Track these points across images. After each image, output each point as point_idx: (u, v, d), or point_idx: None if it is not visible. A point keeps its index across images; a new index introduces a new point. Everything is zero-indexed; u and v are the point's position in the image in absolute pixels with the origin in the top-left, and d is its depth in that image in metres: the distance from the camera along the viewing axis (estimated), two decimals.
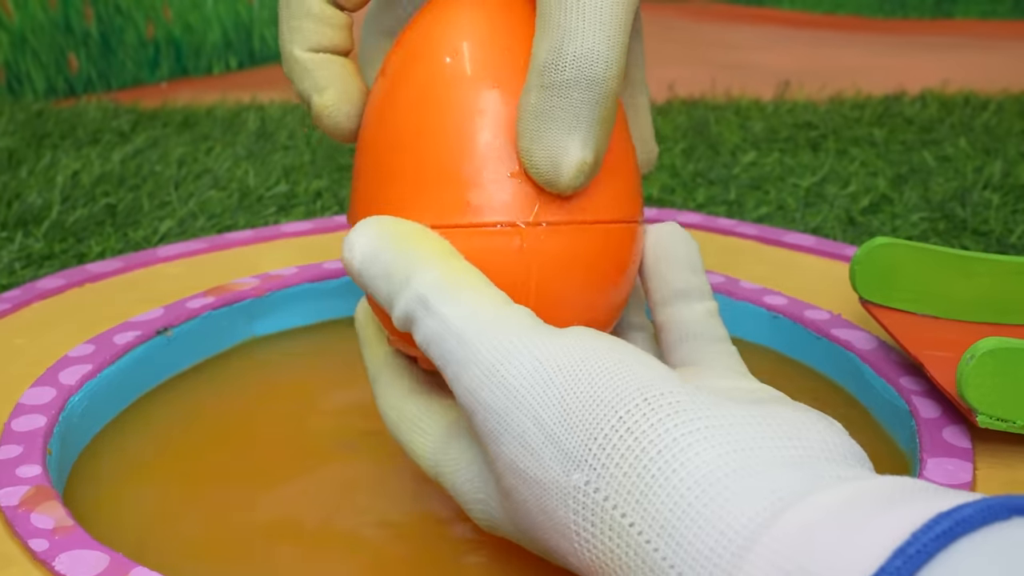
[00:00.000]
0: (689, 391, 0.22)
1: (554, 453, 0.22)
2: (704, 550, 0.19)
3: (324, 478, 0.34)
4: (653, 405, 0.22)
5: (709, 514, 0.19)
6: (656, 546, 0.20)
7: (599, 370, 0.23)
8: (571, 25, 0.25)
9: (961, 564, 0.16)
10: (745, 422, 0.21)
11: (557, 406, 0.22)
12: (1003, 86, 1.01)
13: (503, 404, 0.23)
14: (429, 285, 0.25)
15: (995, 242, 0.60)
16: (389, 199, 0.27)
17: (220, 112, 0.92)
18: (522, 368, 0.23)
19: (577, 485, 0.21)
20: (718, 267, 0.47)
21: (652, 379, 0.22)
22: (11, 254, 0.56)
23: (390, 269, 0.26)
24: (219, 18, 1.22)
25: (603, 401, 0.22)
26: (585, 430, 0.22)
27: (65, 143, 0.80)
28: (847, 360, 0.40)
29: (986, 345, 0.30)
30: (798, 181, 0.72)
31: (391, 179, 0.28)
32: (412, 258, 0.25)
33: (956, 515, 0.17)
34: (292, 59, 0.29)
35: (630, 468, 0.21)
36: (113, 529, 0.31)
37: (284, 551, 0.31)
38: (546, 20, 0.25)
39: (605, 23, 0.25)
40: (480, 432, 0.24)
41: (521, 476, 0.23)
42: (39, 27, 1.08)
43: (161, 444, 0.36)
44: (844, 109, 0.91)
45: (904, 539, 0.17)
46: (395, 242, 0.26)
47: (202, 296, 0.43)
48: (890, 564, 0.16)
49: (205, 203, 0.67)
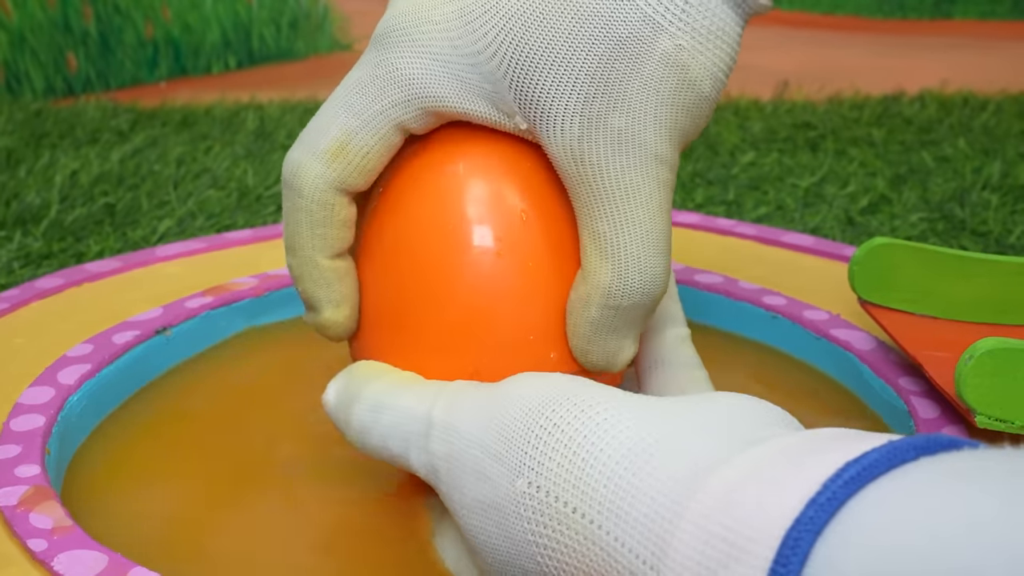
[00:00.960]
0: (611, 390, 0.24)
1: (501, 469, 0.24)
2: (640, 518, 0.20)
3: (324, 477, 0.34)
4: (578, 402, 0.23)
5: (639, 483, 0.21)
6: (600, 524, 0.21)
7: (530, 391, 0.24)
8: (633, 252, 0.27)
9: (867, 509, 0.17)
10: (667, 404, 0.23)
11: (497, 429, 0.24)
12: (1002, 86, 1.01)
13: (457, 448, 0.25)
14: (379, 392, 0.28)
15: (994, 242, 0.60)
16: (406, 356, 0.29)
17: (219, 112, 0.92)
18: (466, 411, 0.25)
19: (522, 490, 0.23)
20: (717, 267, 0.47)
21: (579, 386, 0.24)
22: (10, 253, 0.56)
23: (346, 395, 0.28)
24: (218, 18, 1.22)
25: (534, 411, 0.24)
26: (522, 439, 0.23)
27: (64, 142, 0.80)
28: (846, 360, 0.40)
29: (985, 345, 0.30)
30: (797, 181, 0.72)
31: (405, 342, 0.29)
32: (361, 379, 0.28)
33: (863, 461, 0.18)
34: (315, 266, 0.29)
35: (563, 459, 0.22)
36: (112, 529, 0.31)
37: (284, 550, 0.31)
38: (603, 241, 0.27)
39: (662, 250, 0.28)
40: (447, 490, 0.25)
41: (482, 510, 0.24)
42: (38, 26, 1.08)
43: (160, 444, 0.36)
44: (843, 109, 0.91)
45: (816, 490, 0.17)
46: (351, 376, 0.29)
47: (201, 296, 0.43)
48: (803, 515, 0.17)
49: (204, 202, 0.67)
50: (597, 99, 0.26)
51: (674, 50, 0.26)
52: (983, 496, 0.16)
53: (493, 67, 0.27)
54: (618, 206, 0.27)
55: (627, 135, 0.26)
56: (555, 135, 0.27)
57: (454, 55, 0.27)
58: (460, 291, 0.28)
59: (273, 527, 0.32)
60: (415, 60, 0.27)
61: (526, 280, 0.28)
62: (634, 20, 0.26)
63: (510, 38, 0.26)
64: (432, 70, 0.27)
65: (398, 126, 0.28)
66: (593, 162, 0.27)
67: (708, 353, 0.33)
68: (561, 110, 0.26)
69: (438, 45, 0.27)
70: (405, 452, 0.27)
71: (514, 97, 0.27)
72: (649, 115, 0.26)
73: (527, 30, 0.26)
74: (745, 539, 0.18)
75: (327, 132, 0.28)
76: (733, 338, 0.44)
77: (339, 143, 0.28)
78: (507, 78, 0.27)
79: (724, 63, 0.27)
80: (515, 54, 0.26)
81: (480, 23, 0.27)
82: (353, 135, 0.28)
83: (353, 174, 0.28)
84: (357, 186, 0.29)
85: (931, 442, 0.18)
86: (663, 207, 0.27)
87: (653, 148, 0.27)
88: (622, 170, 0.27)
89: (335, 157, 0.28)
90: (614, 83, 0.26)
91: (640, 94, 0.26)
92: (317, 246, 0.29)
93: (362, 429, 0.28)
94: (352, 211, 0.29)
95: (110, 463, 0.35)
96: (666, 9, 0.26)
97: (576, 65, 0.26)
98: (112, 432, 0.37)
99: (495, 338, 0.28)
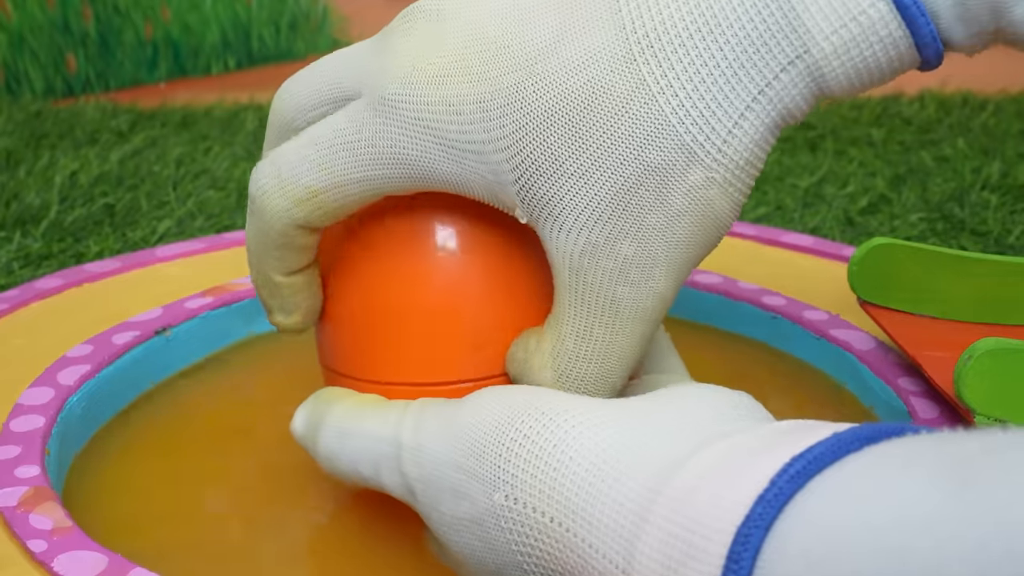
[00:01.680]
0: (577, 397, 0.24)
1: (478, 486, 0.23)
2: (609, 523, 0.20)
3: (324, 477, 0.34)
4: (546, 412, 0.23)
5: (607, 489, 0.21)
6: (574, 531, 0.21)
7: (497, 405, 0.24)
8: (585, 375, 0.26)
9: (810, 501, 0.17)
10: (633, 406, 0.23)
11: (469, 447, 0.24)
12: (1001, 86, 1.01)
13: (429, 470, 0.25)
14: (342, 417, 0.27)
15: (993, 242, 0.61)
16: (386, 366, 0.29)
17: (218, 112, 0.92)
18: (434, 432, 0.25)
19: (500, 503, 0.23)
20: (716, 267, 0.47)
21: (544, 396, 0.24)
22: (9, 254, 0.56)
23: (312, 422, 0.28)
24: (217, 18, 1.22)
25: (503, 424, 0.24)
26: (494, 453, 0.23)
27: (63, 143, 0.80)
28: (845, 360, 0.40)
29: (984, 345, 0.30)
30: (796, 181, 0.72)
31: (384, 341, 0.29)
32: (324, 405, 0.28)
33: (808, 455, 0.18)
34: (270, 282, 0.29)
35: (535, 469, 0.22)
36: (112, 530, 0.31)
37: (284, 550, 0.31)
38: (561, 352, 0.26)
39: (613, 382, 0.27)
40: (425, 510, 0.25)
41: (464, 526, 0.24)
42: (37, 27, 1.08)
43: (160, 444, 0.36)
44: (842, 109, 0.91)
45: (764, 486, 0.18)
46: (316, 401, 0.29)
47: (200, 296, 0.43)
48: (753, 512, 0.18)
49: (203, 203, 0.67)
50: (611, 222, 0.24)
51: (704, 183, 0.24)
52: (910, 479, 0.16)
53: (501, 160, 0.25)
54: (594, 332, 0.26)
55: (633, 266, 0.25)
56: (558, 240, 0.25)
57: (462, 140, 0.25)
58: (428, 290, 0.28)
59: (272, 526, 0.32)
60: (418, 140, 0.25)
61: (482, 280, 0.28)
62: (670, 146, 0.24)
63: (529, 138, 0.24)
64: (434, 153, 0.25)
65: (379, 191, 0.27)
66: (589, 281, 0.25)
67: (708, 353, 0.33)
68: (570, 223, 0.25)
69: (446, 128, 0.25)
70: (376, 476, 0.26)
71: (518, 193, 0.25)
72: (661, 250, 0.25)
73: (550, 135, 0.24)
74: (701, 538, 0.18)
75: (301, 177, 0.26)
76: (733, 338, 0.44)
77: (310, 193, 0.26)
78: (514, 175, 0.25)
79: (748, 188, 0.25)
80: (531, 156, 0.24)
81: (499, 115, 0.24)
82: (328, 190, 0.26)
83: (320, 217, 0.27)
84: (322, 225, 0.27)
85: (876, 431, 0.19)
86: (640, 343, 0.26)
87: (656, 284, 0.25)
88: (616, 300, 0.25)
89: (303, 203, 0.27)
90: (633, 210, 0.24)
91: (658, 227, 0.24)
92: (272, 265, 0.28)
93: (329, 455, 0.28)
94: (313, 239, 0.28)
95: (110, 463, 0.35)
96: (706, 138, 0.24)
97: (597, 183, 0.24)
98: (112, 433, 0.37)
99: (462, 337, 0.28)
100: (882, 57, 0.24)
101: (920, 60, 0.24)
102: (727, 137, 0.24)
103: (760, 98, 0.24)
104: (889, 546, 0.16)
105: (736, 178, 0.24)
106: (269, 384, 0.41)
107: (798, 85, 0.24)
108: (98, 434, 0.37)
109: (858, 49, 0.23)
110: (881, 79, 0.24)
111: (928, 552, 0.15)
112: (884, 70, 0.24)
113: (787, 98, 0.24)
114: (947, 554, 0.15)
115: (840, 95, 0.25)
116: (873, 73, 0.24)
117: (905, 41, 0.23)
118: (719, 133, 0.24)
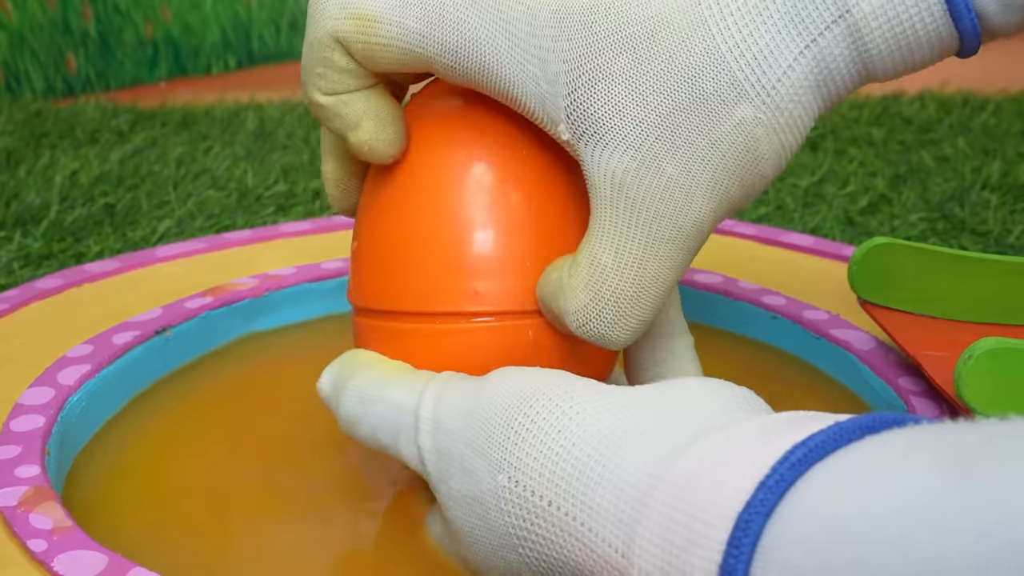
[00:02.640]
0: (585, 382, 0.25)
1: (484, 465, 0.24)
2: (610, 507, 0.21)
3: (323, 477, 0.34)
4: (552, 397, 0.24)
5: (608, 474, 0.21)
6: (574, 516, 0.22)
7: (509, 386, 0.25)
8: (619, 297, 0.27)
9: (811, 487, 0.18)
10: (637, 395, 0.24)
11: (480, 426, 0.25)
12: (1001, 86, 1.01)
13: (445, 443, 0.26)
14: (367, 383, 0.28)
15: (993, 242, 0.61)
16: (408, 283, 0.29)
17: (218, 112, 0.92)
18: (453, 407, 0.26)
19: (503, 484, 0.23)
20: (717, 267, 0.47)
21: (555, 379, 0.25)
22: (9, 254, 0.56)
23: (337, 383, 0.29)
24: (218, 18, 1.22)
25: (512, 407, 0.24)
26: (502, 435, 0.24)
27: (63, 143, 0.80)
28: (846, 360, 0.40)
29: (984, 345, 0.30)
30: (797, 181, 0.72)
31: (407, 267, 0.29)
32: (350, 369, 0.29)
33: (809, 443, 0.18)
34: (315, 104, 0.29)
35: (539, 454, 0.23)
36: (112, 529, 0.31)
37: (285, 550, 0.31)
38: (598, 271, 0.27)
39: (647, 309, 0.27)
40: (435, 482, 0.26)
41: (467, 503, 0.25)
42: (38, 27, 1.08)
43: (160, 444, 0.36)
44: (842, 109, 0.91)
45: (766, 472, 0.18)
46: (343, 364, 0.29)
47: (200, 296, 0.43)
48: (754, 498, 0.18)
49: (203, 203, 0.67)
50: (660, 141, 0.25)
51: (752, 121, 0.25)
52: (911, 469, 0.17)
53: (560, 71, 0.26)
54: (632, 249, 0.26)
55: (677, 186, 0.26)
56: (602, 159, 0.26)
57: (530, 43, 0.26)
58: (463, 216, 0.28)
59: (272, 526, 0.32)
60: (490, 28, 0.26)
61: (523, 208, 0.28)
62: (722, 79, 0.25)
63: (591, 55, 0.26)
64: (501, 44, 0.26)
65: (428, 60, 0.27)
66: (631, 197, 0.26)
67: (708, 353, 0.33)
68: (618, 139, 0.26)
69: (519, 26, 0.26)
70: (395, 444, 0.27)
71: (567, 107, 0.26)
72: (705, 175, 0.26)
73: (613, 55, 0.25)
74: (702, 523, 0.19)
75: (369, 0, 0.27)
76: (733, 338, 0.44)
77: (369, 14, 0.27)
78: (569, 87, 0.26)
79: (791, 149, 0.26)
80: (590, 71, 0.26)
81: (571, 27, 0.26)
82: (385, 22, 0.27)
83: (358, 45, 0.27)
84: (355, 56, 0.28)
85: (877, 421, 0.19)
86: (674, 269, 0.27)
87: (697, 209, 0.26)
88: (656, 218, 0.26)
89: (356, 18, 0.27)
90: (682, 132, 0.25)
91: (704, 152, 0.25)
92: (315, 83, 0.28)
93: (351, 419, 0.28)
94: (355, 66, 0.28)
95: (110, 463, 0.35)
96: (757, 80, 0.25)
97: (650, 103, 0.25)
98: (112, 433, 0.37)
99: (491, 263, 0.28)
100: (919, 25, 0.25)
101: (958, 35, 0.25)
102: (775, 83, 0.25)
103: (806, 52, 0.25)
104: (890, 536, 0.16)
105: (781, 128, 0.26)
106: (269, 385, 0.41)
107: (840, 46, 0.25)
108: (98, 434, 0.37)
109: (895, 11, 0.24)
110: (921, 58, 0.25)
111: (929, 543, 0.15)
112: (923, 43, 0.25)
113: (831, 59, 0.25)
114: (948, 545, 0.15)
115: (882, 73, 0.26)
116: (912, 45, 0.25)
117: (939, 7, 0.24)
118: (768, 77, 0.25)
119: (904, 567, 0.15)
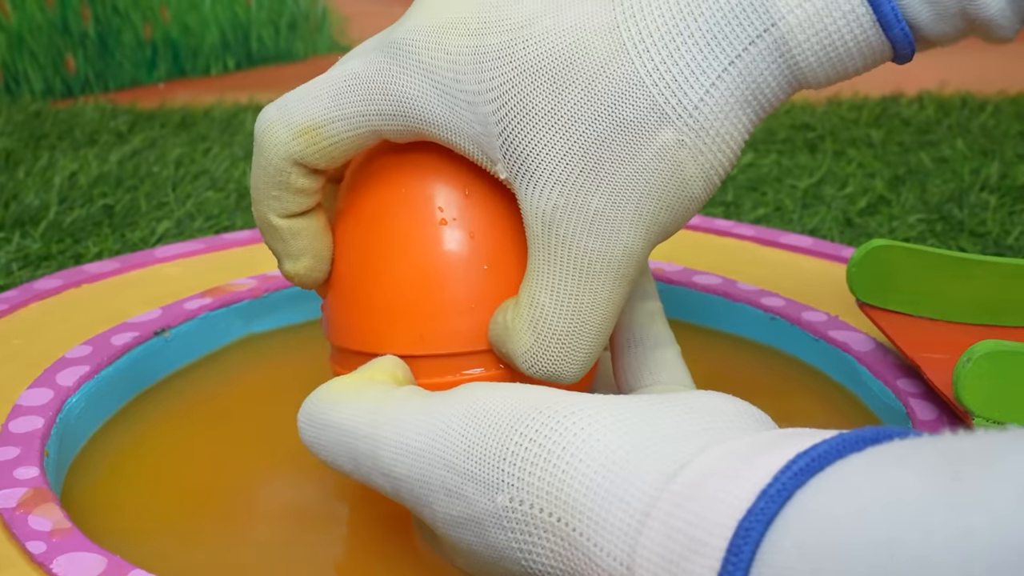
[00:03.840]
0: (582, 396, 0.24)
1: (475, 487, 0.23)
2: (614, 521, 0.21)
3: (323, 478, 0.34)
4: (549, 415, 0.23)
5: (614, 488, 0.21)
6: (580, 530, 0.21)
7: (492, 405, 0.24)
8: (562, 335, 0.27)
9: (811, 496, 0.18)
10: (641, 408, 0.23)
11: (463, 447, 0.24)
12: (1000, 87, 1.01)
13: (417, 468, 0.24)
14: (319, 407, 0.27)
15: (992, 244, 0.61)
16: (373, 329, 0.29)
17: (218, 113, 0.92)
18: (420, 429, 0.24)
19: (503, 505, 0.23)
20: (716, 268, 0.47)
21: (544, 397, 0.24)
22: (8, 255, 0.56)
23: (303, 412, 0.28)
24: (217, 19, 1.22)
25: (503, 426, 0.23)
26: (494, 456, 0.23)
27: (63, 144, 0.80)
28: (844, 362, 0.40)
29: (983, 348, 0.30)
30: (796, 182, 0.72)
31: (374, 312, 0.29)
32: (313, 395, 0.28)
33: (812, 453, 0.18)
34: (268, 225, 0.29)
35: (542, 471, 0.22)
36: (111, 531, 0.31)
37: (284, 551, 0.31)
38: (538, 312, 0.27)
39: (592, 344, 0.27)
40: (413, 506, 0.25)
41: (458, 524, 0.24)
42: (37, 28, 1.08)
43: (159, 445, 0.36)
44: (841, 110, 0.92)
45: (767, 481, 0.18)
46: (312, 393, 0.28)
47: (199, 297, 0.43)
48: (755, 506, 0.18)
49: (203, 204, 0.67)
50: (583, 175, 0.25)
51: (675, 144, 0.25)
52: (904, 473, 0.17)
53: (489, 112, 0.26)
54: (566, 286, 0.26)
55: (603, 219, 0.26)
56: (532, 196, 0.26)
57: (456, 88, 0.26)
58: (410, 257, 0.28)
59: (272, 527, 0.32)
60: (416, 81, 0.27)
61: (469, 249, 0.28)
62: (642, 105, 0.25)
63: (516, 91, 0.26)
64: (429, 96, 0.26)
65: (376, 132, 0.28)
66: (561, 235, 0.26)
67: (707, 354, 0.33)
68: (545, 175, 0.26)
69: (443, 74, 0.26)
70: (357, 470, 0.26)
71: (501, 146, 0.26)
72: (630, 205, 0.26)
73: (534, 88, 0.25)
74: (703, 531, 0.19)
75: (305, 109, 0.28)
76: (731, 339, 0.44)
77: (312, 124, 0.28)
78: (499, 127, 0.26)
79: (722, 167, 0.26)
80: (515, 108, 0.26)
81: (491, 67, 0.26)
82: (328, 123, 0.28)
83: (316, 155, 0.28)
84: (317, 166, 0.28)
85: (879, 433, 0.19)
86: (612, 301, 0.27)
87: (624, 239, 0.26)
88: (586, 252, 0.26)
89: (303, 134, 0.28)
90: (604, 164, 0.25)
91: (628, 181, 0.25)
92: (270, 205, 0.29)
93: (311, 447, 0.27)
94: (310, 182, 0.29)
95: (109, 464, 0.35)
96: (678, 102, 0.25)
97: (572, 136, 0.25)
98: (111, 434, 0.37)
99: (438, 304, 0.28)
100: (848, 37, 0.24)
101: (890, 44, 0.25)
102: (698, 103, 0.25)
103: (731, 69, 0.25)
104: (879, 538, 0.16)
105: (707, 148, 0.25)
106: (268, 385, 0.41)
107: (767, 60, 0.25)
108: (97, 435, 0.37)
109: (822, 24, 0.24)
110: (853, 67, 0.25)
111: (916, 543, 0.15)
112: (853, 54, 0.25)
113: (757, 73, 0.25)
114: (934, 543, 0.15)
115: (814, 82, 0.26)
116: (843, 56, 0.25)
117: (868, 18, 0.24)
118: (690, 98, 0.25)
119: (893, 567, 0.15)
